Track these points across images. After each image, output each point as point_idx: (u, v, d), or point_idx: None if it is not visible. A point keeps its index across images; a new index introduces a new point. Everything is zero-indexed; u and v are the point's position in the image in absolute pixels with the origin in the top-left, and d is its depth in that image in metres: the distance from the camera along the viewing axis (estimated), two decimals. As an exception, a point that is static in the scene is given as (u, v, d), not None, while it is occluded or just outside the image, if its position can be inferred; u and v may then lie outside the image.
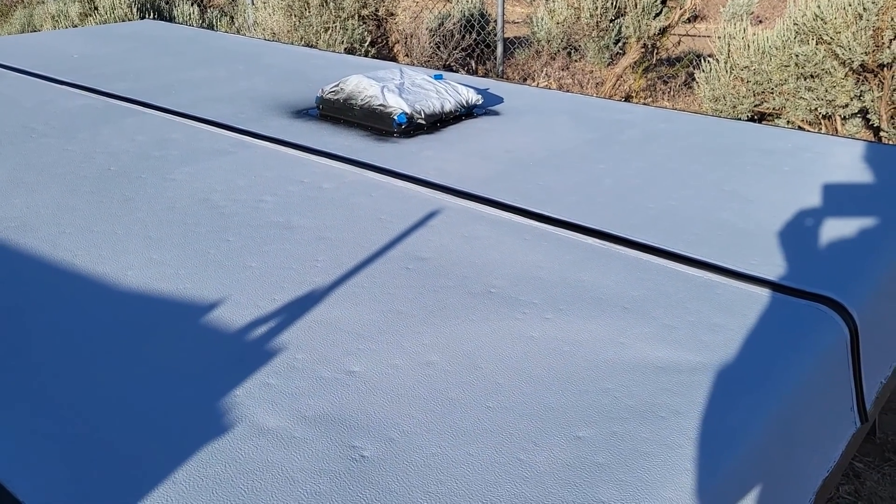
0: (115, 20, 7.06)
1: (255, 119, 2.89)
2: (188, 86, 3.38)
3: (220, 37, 4.82)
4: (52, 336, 1.49)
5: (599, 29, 5.13)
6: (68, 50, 4.11)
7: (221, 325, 1.54)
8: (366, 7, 6.09)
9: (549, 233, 1.94)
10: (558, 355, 1.45)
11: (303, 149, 2.56)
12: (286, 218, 2.04)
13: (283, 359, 1.43)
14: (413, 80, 2.90)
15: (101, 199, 2.14)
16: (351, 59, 4.15)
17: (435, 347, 1.47)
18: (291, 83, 3.46)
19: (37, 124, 2.80)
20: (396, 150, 2.56)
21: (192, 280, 1.71)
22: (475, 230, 1.97)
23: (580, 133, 2.75)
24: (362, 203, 2.14)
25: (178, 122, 2.87)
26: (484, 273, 1.75)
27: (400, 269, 1.77)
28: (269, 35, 6.47)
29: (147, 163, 2.43)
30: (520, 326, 1.54)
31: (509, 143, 2.63)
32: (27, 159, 2.44)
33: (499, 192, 2.20)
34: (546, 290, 1.67)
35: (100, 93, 3.23)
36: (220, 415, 1.28)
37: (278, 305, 1.62)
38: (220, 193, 2.19)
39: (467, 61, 6.42)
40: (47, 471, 1.14)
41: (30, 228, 1.95)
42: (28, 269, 1.75)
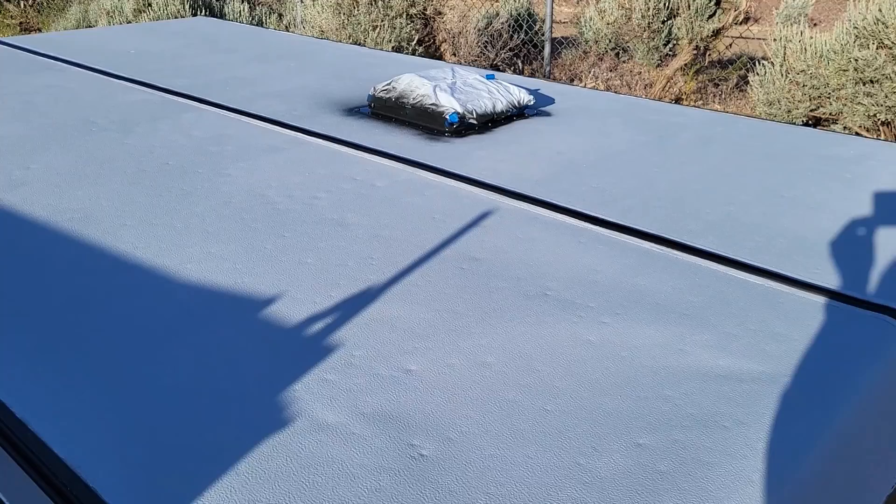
0: (168, 16, 7.19)
1: (308, 116, 2.92)
2: (241, 82, 3.43)
3: (270, 34, 4.88)
4: (113, 327, 1.52)
5: (651, 30, 5.07)
6: (125, 46, 4.20)
7: (279, 319, 1.56)
8: (414, 6, 6.11)
9: (605, 236, 1.93)
10: (616, 360, 1.43)
11: (355, 146, 2.58)
12: (340, 215, 2.05)
13: (340, 355, 1.44)
14: (465, 79, 2.90)
15: (160, 193, 2.18)
16: (401, 57, 4.16)
17: (491, 348, 1.47)
18: (342, 81, 3.49)
19: (97, 118, 2.86)
20: (448, 149, 2.56)
21: (249, 274, 1.74)
22: (529, 232, 1.96)
23: (633, 135, 2.72)
24: (415, 202, 2.14)
25: (233, 118, 2.91)
26: (539, 275, 1.74)
27: (454, 269, 1.77)
28: (318, 33, 6.52)
29: (203, 158, 2.47)
30: (576, 330, 1.52)
31: (562, 145, 2.61)
32: (89, 152, 2.50)
33: (552, 193, 2.19)
34: (602, 294, 1.65)
35: (157, 88, 3.29)
36: (280, 409, 1.29)
37: (335, 302, 1.63)
38: (275, 189, 2.22)
39: (514, 61, 6.40)
40: (116, 457, 1.16)
41: (93, 220, 2.00)
42: (91, 260, 1.79)
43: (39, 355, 1.42)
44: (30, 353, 1.43)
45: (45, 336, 1.48)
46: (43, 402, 1.29)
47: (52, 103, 3.03)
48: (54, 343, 1.46)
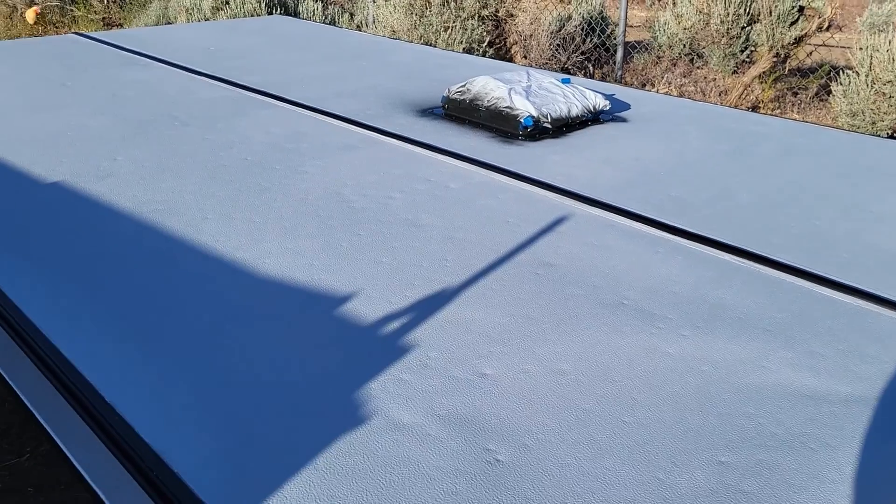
0: (245, 14, 7.36)
1: (382, 116, 2.94)
2: (316, 81, 3.48)
3: (343, 33, 4.94)
4: (195, 318, 1.56)
5: (729, 36, 4.95)
6: (204, 43, 4.31)
7: (355, 317, 1.57)
8: (486, 7, 6.10)
9: (683, 246, 1.89)
10: (696, 375, 1.40)
11: (429, 147, 2.59)
12: (414, 216, 2.06)
13: (416, 356, 1.45)
14: (540, 83, 2.88)
15: (239, 188, 2.23)
16: (473, 59, 4.16)
17: (567, 356, 1.45)
18: (415, 81, 3.51)
19: (179, 113, 2.94)
20: (522, 153, 2.55)
21: (326, 271, 1.76)
22: (605, 239, 1.93)
23: (711, 144, 2.66)
24: (489, 205, 2.14)
25: (308, 115, 2.95)
26: (615, 283, 1.71)
27: (529, 273, 1.76)
28: (389, 32, 6.58)
29: (280, 154, 2.51)
30: (655, 342, 1.50)
31: (637, 151, 2.57)
32: (172, 146, 2.57)
33: (628, 201, 2.15)
34: (681, 306, 1.62)
35: (235, 84, 3.37)
36: (357, 406, 1.31)
37: (409, 302, 1.63)
38: (350, 188, 2.24)
39: (584, 64, 6.33)
40: (199, 446, 1.19)
41: (176, 212, 2.05)
42: (174, 251, 1.84)
43: (126, 341, 1.47)
44: (117, 338, 1.48)
45: (131, 323, 1.53)
46: (130, 387, 1.33)
47: (137, 97, 3.13)
48: (140, 331, 1.51)
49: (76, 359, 1.41)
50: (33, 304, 1.58)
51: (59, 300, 1.61)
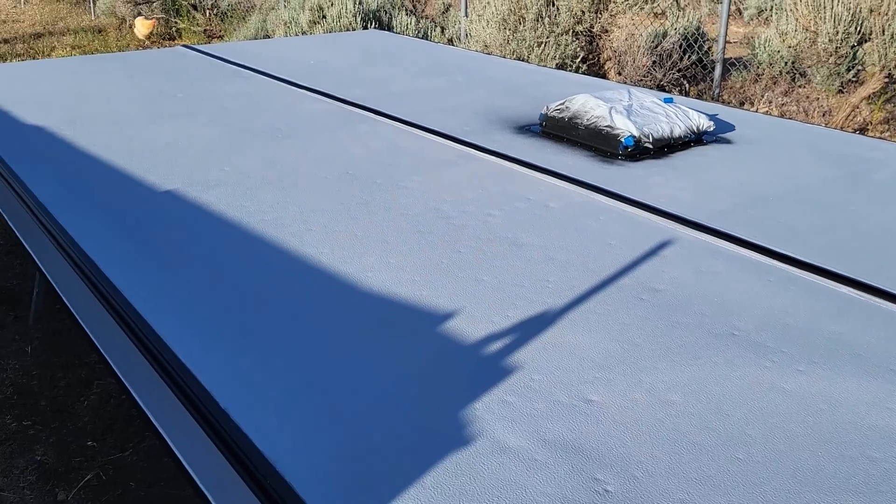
0: (341, 28, 7.54)
1: (479, 132, 2.96)
2: (413, 95, 3.53)
3: (437, 48, 5.00)
4: (301, 329, 1.60)
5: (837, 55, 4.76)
6: (304, 56, 4.44)
7: (458, 335, 1.58)
8: (580, 23, 6.06)
9: (796, 276, 1.81)
10: (814, 413, 1.34)
11: (527, 165, 2.58)
12: (514, 234, 2.06)
13: (519, 378, 1.44)
14: (642, 102, 2.83)
15: (342, 201, 2.28)
16: (569, 75, 4.13)
17: (676, 386, 1.41)
18: (511, 97, 3.51)
19: (282, 125, 3.03)
20: (623, 173, 2.51)
21: (427, 287, 1.77)
22: (712, 265, 1.87)
23: (823, 169, 2.55)
24: (590, 226, 2.11)
25: (406, 130, 2.99)
26: (724, 313, 1.66)
27: (633, 298, 1.73)
28: (481, 47, 6.61)
29: (381, 169, 2.55)
30: (769, 376, 1.44)
31: (743, 175, 2.49)
32: (276, 158, 2.65)
33: (735, 226, 2.09)
34: (796, 340, 1.55)
35: (335, 98, 3.45)
36: (462, 426, 1.30)
37: (512, 322, 1.63)
38: (450, 204, 2.26)
39: (680, 82, 6.20)
40: (310, 459, 1.21)
41: (282, 223, 2.11)
42: (280, 263, 1.89)
43: (238, 347, 1.52)
44: (229, 343, 1.53)
45: (241, 330, 1.58)
46: (242, 391, 1.37)
47: (242, 109, 3.25)
48: (250, 337, 1.55)
49: (190, 360, 1.46)
50: (151, 308, 1.65)
51: (175, 304, 1.67)
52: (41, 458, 2.37)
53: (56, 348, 2.94)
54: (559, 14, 5.97)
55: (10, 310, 3.22)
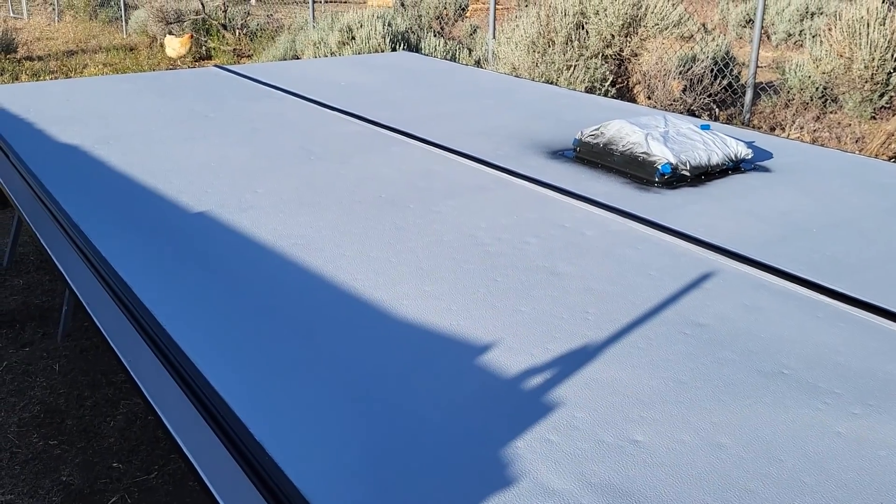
0: (369, 49, 7.58)
1: (513, 157, 2.93)
2: (444, 118, 3.51)
3: (467, 70, 4.99)
4: (335, 358, 1.56)
5: (873, 81, 4.69)
6: (334, 77, 4.45)
7: (496, 368, 1.53)
8: (610, 47, 6.04)
9: (847, 313, 1.75)
10: (872, 460, 1.28)
11: (563, 192, 2.54)
12: (552, 263, 2.02)
13: (561, 415, 1.39)
14: (678, 128, 2.79)
15: (375, 226, 2.25)
16: (600, 100, 4.10)
17: (725, 428, 1.36)
18: (543, 121, 3.48)
19: (314, 147, 3.02)
20: (660, 201, 2.47)
21: (464, 317, 1.73)
22: (757, 299, 1.82)
23: (868, 199, 2.49)
24: (628, 255, 2.07)
25: (439, 154, 2.97)
26: (772, 350, 1.60)
27: (676, 333, 1.68)
28: (510, 69, 6.61)
29: (414, 193, 2.53)
30: (822, 418, 1.38)
31: (785, 204, 2.44)
32: (308, 180, 2.63)
33: (780, 258, 2.03)
34: (849, 380, 1.49)
35: (367, 120, 3.44)
36: (504, 466, 1.26)
37: (552, 356, 1.58)
38: (485, 231, 2.22)
39: (710, 106, 6.15)
40: (348, 494, 1.18)
41: (314, 247, 2.09)
42: (314, 289, 1.86)
43: (269, 372, 1.48)
44: (261, 368, 1.50)
45: (273, 355, 1.55)
46: (273, 419, 1.34)
47: (274, 130, 3.25)
48: (283, 363, 1.52)
49: (219, 384, 1.43)
50: (181, 329, 1.63)
51: (206, 326, 1.65)
52: (66, 478, 2.35)
53: (84, 367, 2.93)
54: (588, 37, 5.95)
55: (39, 327, 3.23)
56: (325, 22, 8.89)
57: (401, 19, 8.13)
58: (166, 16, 12.06)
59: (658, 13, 5.64)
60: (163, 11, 12.00)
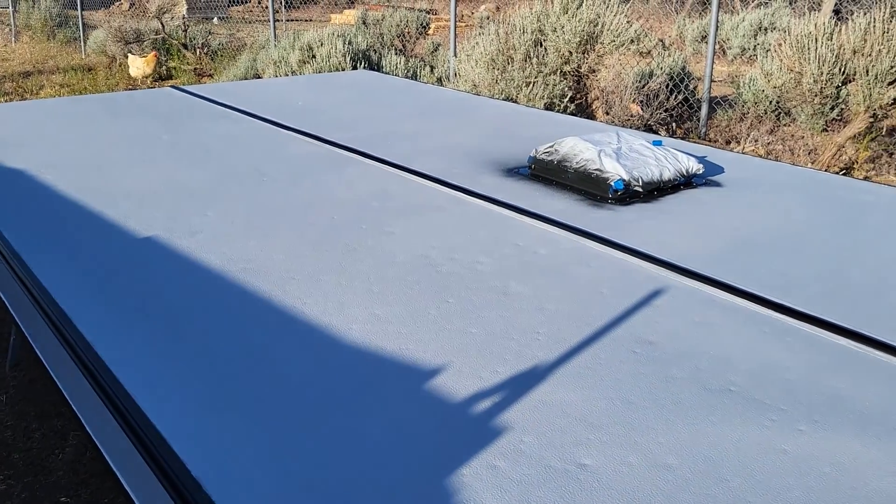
0: (330, 68, 7.56)
1: (468, 175, 2.92)
2: (402, 137, 3.50)
3: (427, 88, 4.99)
4: (280, 385, 1.53)
5: (822, 95, 4.78)
6: (292, 97, 4.42)
7: (444, 392, 1.51)
8: (568, 63, 6.10)
9: (793, 327, 1.76)
10: (817, 477, 1.28)
11: (516, 210, 2.54)
12: (503, 283, 2.01)
13: (509, 440, 1.37)
14: (631, 145, 2.81)
15: (326, 248, 2.22)
16: (557, 116, 4.13)
17: (672, 449, 1.35)
18: (500, 139, 3.49)
19: (268, 168, 2.99)
20: (613, 217, 2.47)
21: (413, 341, 1.71)
22: (707, 315, 1.83)
23: (815, 213, 2.52)
24: (581, 273, 2.06)
25: (395, 173, 2.95)
26: (721, 367, 1.61)
27: (626, 351, 1.67)
28: (470, 87, 6.63)
29: (367, 213, 2.50)
30: (769, 436, 1.38)
31: (735, 220, 2.46)
32: (260, 202, 2.60)
33: (729, 274, 2.04)
34: (796, 396, 1.50)
35: (323, 140, 3.41)
36: (449, 494, 1.24)
37: (501, 379, 1.57)
38: (438, 251, 2.21)
39: (667, 121, 6.23)
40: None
41: (263, 272, 2.05)
42: (261, 314, 1.83)
43: (211, 407, 1.44)
44: (203, 403, 1.45)
45: (216, 389, 1.51)
46: (215, 455, 1.30)
47: (227, 152, 3.20)
48: (226, 398, 1.48)
49: (158, 419, 1.39)
50: (120, 359, 1.58)
51: (147, 357, 1.60)
52: (12, 516, 2.27)
53: (32, 398, 2.84)
54: (547, 54, 6.00)
55: (-14, 357, 3.13)
56: (286, 40, 8.86)
57: (362, 37, 8.13)
58: (125, 35, 11.93)
59: (614, 30, 5.71)
60: (121, 31, 11.87)
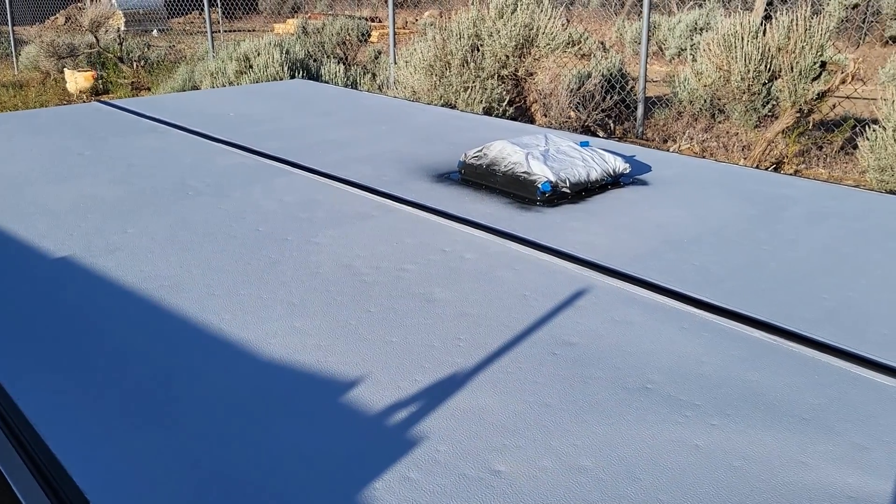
0: (268, 78, 7.47)
1: (398, 182, 2.90)
2: (333, 146, 3.47)
3: (364, 96, 4.97)
4: (197, 402, 1.49)
5: (750, 92, 4.90)
6: (225, 108, 4.34)
7: (362, 404, 1.49)
8: (505, 67, 6.13)
9: (710, 322, 1.79)
10: (728, 471, 1.29)
11: (444, 215, 2.53)
12: (428, 290, 1.99)
13: (424, 450, 1.35)
14: (558, 146, 2.82)
15: (249, 261, 2.18)
16: (492, 120, 4.14)
17: (587, 450, 1.35)
18: (433, 144, 3.48)
19: (194, 181, 2.93)
20: (540, 220, 2.48)
21: (333, 352, 1.68)
22: (627, 314, 1.84)
23: (737, 208, 2.57)
24: (505, 277, 2.06)
25: (324, 182, 2.92)
26: (639, 365, 1.61)
27: (546, 354, 1.67)
28: (410, 93, 6.63)
29: (293, 224, 2.47)
30: (682, 432, 1.39)
31: (659, 217, 2.49)
32: (183, 217, 2.54)
33: (651, 271, 2.06)
34: (710, 391, 1.51)
35: (252, 151, 3.36)
36: (359, 510, 1.21)
37: (420, 387, 1.55)
38: (363, 259, 2.18)
39: (605, 121, 6.31)
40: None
41: (182, 288, 2.00)
42: (178, 332, 1.78)
43: (121, 423, 1.39)
44: (113, 419, 1.40)
45: (127, 406, 1.46)
46: (119, 473, 1.25)
47: (153, 166, 3.13)
48: (138, 413, 1.43)
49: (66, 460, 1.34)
50: (28, 394, 1.52)
51: (56, 385, 1.54)
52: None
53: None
54: (484, 59, 6.02)
55: None
56: (224, 52, 8.74)
57: (300, 46, 8.06)
58: (58, 50, 11.63)
59: (548, 34, 5.75)
60: (54, 46, 11.57)
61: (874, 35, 12.94)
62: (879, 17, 12.97)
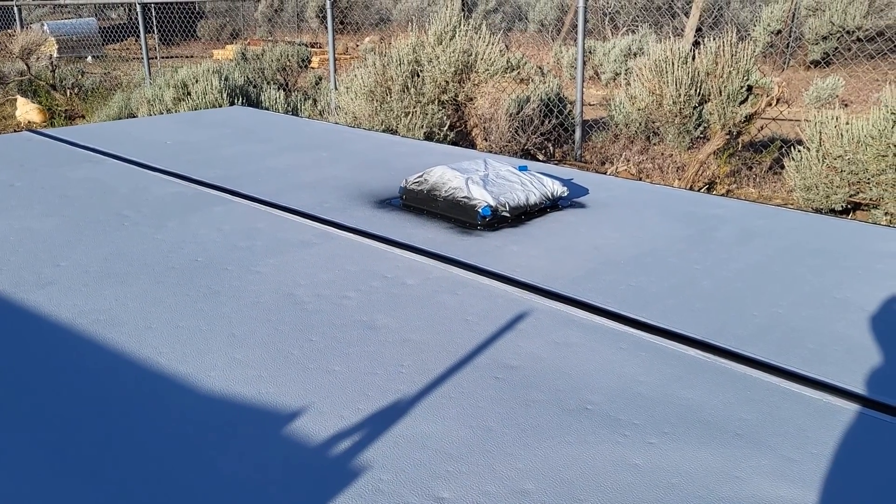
0: (206, 105, 7.39)
1: (339, 209, 2.90)
2: (273, 173, 3.44)
3: (304, 123, 4.95)
4: (131, 439, 1.45)
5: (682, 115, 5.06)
6: (162, 136, 4.28)
7: (303, 436, 1.47)
8: (445, 92, 6.20)
9: (647, 341, 1.83)
10: (666, 488, 1.32)
11: (386, 241, 2.53)
12: (370, 317, 1.99)
13: (367, 479, 1.35)
14: (497, 171, 2.87)
15: (188, 293, 2.14)
16: (433, 146, 4.17)
17: (530, 473, 1.36)
18: (374, 171, 3.49)
19: (130, 212, 2.87)
20: (481, 244, 2.51)
21: (274, 384, 1.66)
22: (567, 336, 1.87)
23: (672, 229, 2.64)
24: (447, 302, 2.07)
25: (264, 210, 2.90)
26: (578, 386, 1.64)
27: (488, 378, 1.68)
28: (351, 119, 6.63)
29: (233, 254, 2.44)
30: (621, 452, 1.42)
31: (597, 239, 2.55)
32: (119, 248, 2.48)
33: (589, 292, 2.10)
34: (648, 409, 1.55)
35: (190, 180, 3.31)
36: (302, 544, 1.20)
37: (362, 416, 1.54)
38: (304, 288, 2.17)
39: (545, 145, 6.42)
40: None
41: (117, 322, 1.95)
42: (113, 368, 1.73)
43: (56, 460, 1.35)
44: (47, 457, 1.36)
45: (62, 444, 1.41)
46: (51, 533, 1.21)
47: (87, 196, 3.05)
48: (73, 450, 1.39)
49: None
50: (-48, 436, 1.46)
51: (-18, 430, 1.48)
52: None
53: None
54: (424, 84, 6.08)
55: None
56: (161, 78, 8.61)
57: (239, 72, 8.00)
58: (-15, 77, 11.29)
59: (487, 60, 5.85)
60: (-19, 73, 11.24)
61: (797, 59, 13.53)
62: (802, 42, 13.58)
